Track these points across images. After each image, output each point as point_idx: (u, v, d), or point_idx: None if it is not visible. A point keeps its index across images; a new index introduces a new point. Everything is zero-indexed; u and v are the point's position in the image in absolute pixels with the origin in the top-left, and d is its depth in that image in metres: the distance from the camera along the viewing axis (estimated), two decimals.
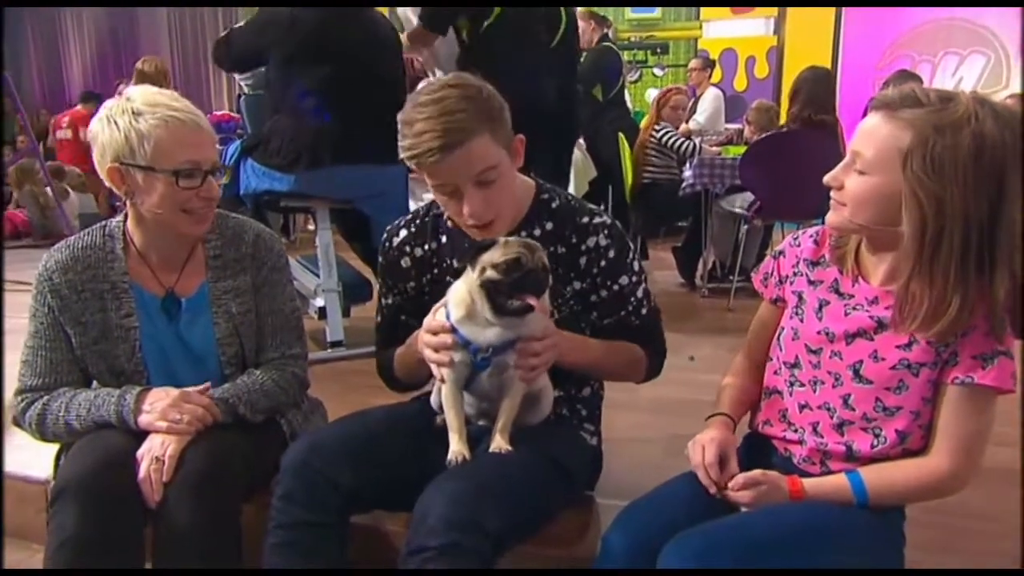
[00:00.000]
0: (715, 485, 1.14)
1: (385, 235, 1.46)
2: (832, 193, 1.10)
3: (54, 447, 1.42)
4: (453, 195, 1.24)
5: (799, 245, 1.24)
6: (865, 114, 1.07)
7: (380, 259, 1.47)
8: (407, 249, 1.43)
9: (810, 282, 1.20)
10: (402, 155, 1.22)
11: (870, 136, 1.03)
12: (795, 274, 1.23)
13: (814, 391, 1.18)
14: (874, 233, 1.08)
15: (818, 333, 1.17)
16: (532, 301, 1.17)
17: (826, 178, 1.10)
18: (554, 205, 1.37)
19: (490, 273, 1.19)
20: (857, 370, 1.12)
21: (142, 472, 1.23)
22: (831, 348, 1.15)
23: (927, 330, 1.03)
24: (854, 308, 1.14)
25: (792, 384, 1.21)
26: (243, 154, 2.72)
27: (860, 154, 1.04)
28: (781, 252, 1.27)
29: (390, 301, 1.48)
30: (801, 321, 1.20)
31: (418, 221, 1.44)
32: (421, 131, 1.17)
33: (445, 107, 1.17)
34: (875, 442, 1.11)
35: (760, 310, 1.32)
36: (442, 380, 1.25)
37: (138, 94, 1.32)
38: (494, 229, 1.28)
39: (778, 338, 1.25)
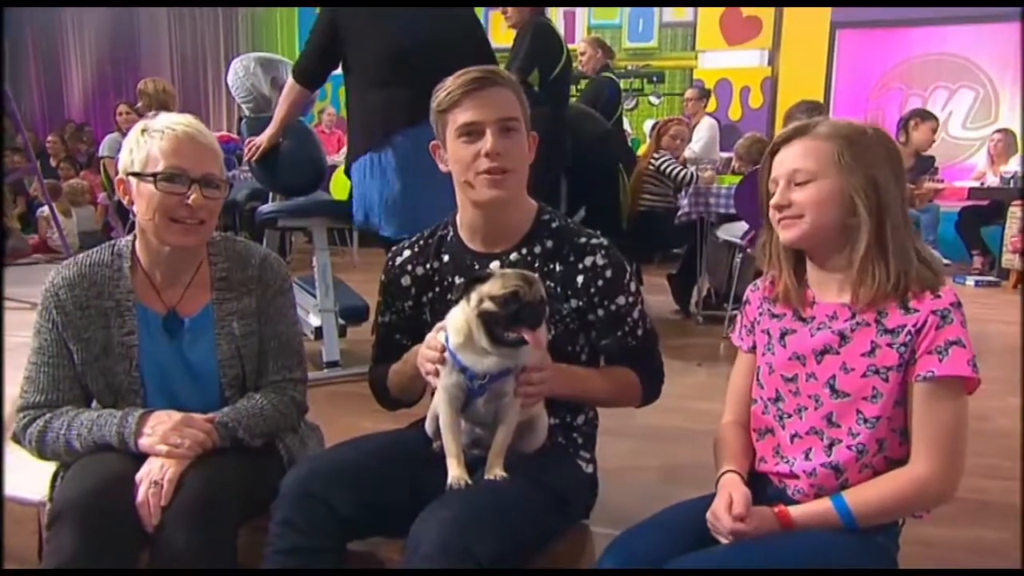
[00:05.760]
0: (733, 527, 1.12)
1: (389, 255, 1.50)
2: (781, 213, 1.18)
3: (48, 470, 1.41)
4: (475, 136, 1.31)
5: (758, 288, 1.33)
6: (774, 154, 1.21)
7: (382, 277, 1.51)
8: (408, 268, 1.47)
9: (773, 316, 1.27)
10: (435, 102, 1.34)
11: (804, 154, 1.17)
12: (760, 314, 1.30)
13: (800, 419, 1.21)
14: (828, 235, 1.16)
15: (789, 359, 1.22)
16: (527, 335, 1.19)
17: (773, 201, 1.19)
18: (554, 225, 1.42)
19: (487, 305, 1.21)
20: (833, 385, 1.16)
21: (140, 496, 1.23)
22: (805, 371, 1.20)
23: (885, 290, 1.11)
24: (818, 328, 1.19)
25: (781, 418, 1.24)
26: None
27: (800, 170, 1.16)
28: (746, 301, 1.35)
29: (387, 319, 1.51)
30: (773, 354, 1.25)
31: (421, 242, 1.48)
32: (460, 74, 1.33)
33: (481, 67, 1.34)
34: (859, 457, 1.14)
35: (736, 366, 1.37)
36: (434, 382, 1.28)
37: (156, 119, 1.38)
38: (505, 185, 1.32)
39: (757, 379, 1.29)
